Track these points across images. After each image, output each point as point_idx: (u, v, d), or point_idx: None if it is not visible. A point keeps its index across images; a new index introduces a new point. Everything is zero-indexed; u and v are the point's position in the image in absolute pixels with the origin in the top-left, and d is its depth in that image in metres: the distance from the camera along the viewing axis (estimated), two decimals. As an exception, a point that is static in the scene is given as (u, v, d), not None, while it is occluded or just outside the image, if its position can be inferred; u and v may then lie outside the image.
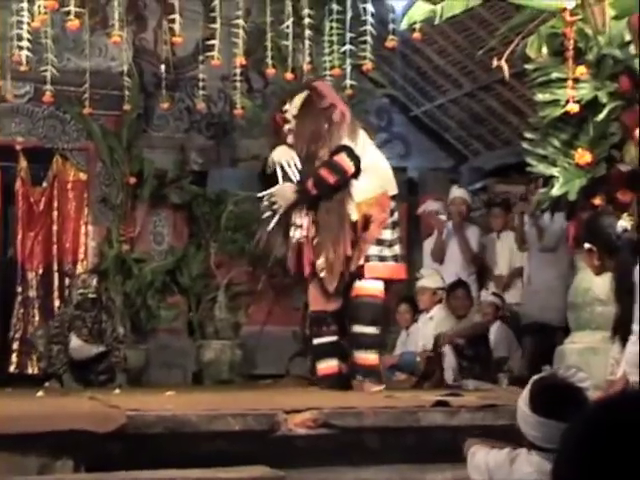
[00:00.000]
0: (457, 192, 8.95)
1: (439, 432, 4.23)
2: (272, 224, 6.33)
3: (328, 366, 6.19)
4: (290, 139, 6.29)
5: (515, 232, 8.45)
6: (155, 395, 5.90)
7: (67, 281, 9.72)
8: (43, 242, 9.78)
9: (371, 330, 6.11)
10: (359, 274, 6.07)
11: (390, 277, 6.21)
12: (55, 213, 9.83)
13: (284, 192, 6.19)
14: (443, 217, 8.89)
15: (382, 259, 6.12)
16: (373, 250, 6.09)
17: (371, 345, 6.15)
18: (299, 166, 6.16)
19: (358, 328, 6.11)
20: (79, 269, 9.77)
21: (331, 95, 6.47)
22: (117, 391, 6.17)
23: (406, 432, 4.21)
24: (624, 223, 4.40)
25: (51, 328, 8.61)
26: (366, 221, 6.05)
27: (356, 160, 6.06)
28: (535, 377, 2.71)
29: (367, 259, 6.07)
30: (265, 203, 6.34)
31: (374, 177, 6.17)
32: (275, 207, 6.24)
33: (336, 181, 6.01)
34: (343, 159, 6.04)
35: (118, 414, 3.81)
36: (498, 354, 7.89)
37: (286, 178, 6.22)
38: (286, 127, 6.34)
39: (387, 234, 6.18)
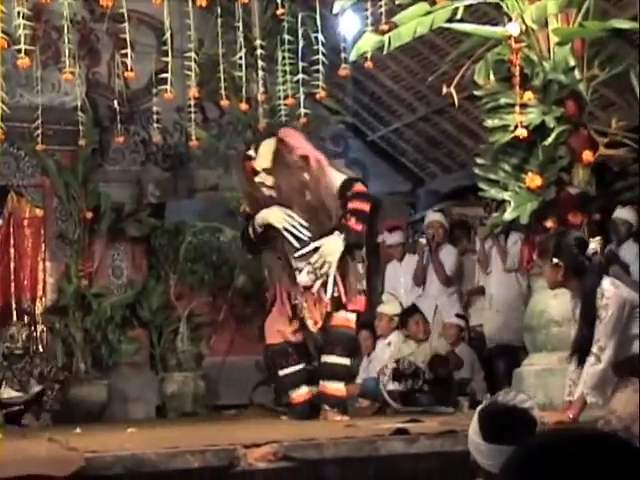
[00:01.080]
0: (434, 216, 9.08)
1: (399, 460, 4.24)
2: (330, 288, 6.16)
3: (299, 394, 6.22)
4: (272, 193, 6.29)
5: (477, 255, 8.53)
6: (116, 432, 5.86)
7: (26, 318, 9.65)
8: (1, 280, 9.70)
9: (345, 361, 6.18)
10: (339, 305, 6.14)
11: (363, 310, 6.34)
12: (12, 250, 9.75)
13: (330, 246, 6.10)
14: (423, 241, 8.97)
15: (361, 293, 6.25)
16: (356, 285, 6.20)
17: (342, 376, 6.22)
18: (303, 223, 6.13)
19: (332, 359, 6.14)
20: (38, 306, 9.71)
21: (300, 145, 6.40)
22: (78, 430, 6.12)
23: (366, 462, 4.22)
24: (594, 245, 4.46)
25: None
26: None
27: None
28: (480, 406, 2.75)
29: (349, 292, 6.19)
30: (310, 268, 6.15)
31: None
32: (325, 268, 6.09)
33: (370, 207, 6.16)
34: (358, 185, 6.21)
35: (77, 457, 3.79)
36: (460, 375, 7.93)
37: (297, 239, 6.17)
38: (258, 179, 6.32)
39: (361, 267, 6.29)
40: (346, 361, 6.23)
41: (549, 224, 5.19)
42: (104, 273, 9.94)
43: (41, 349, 9.02)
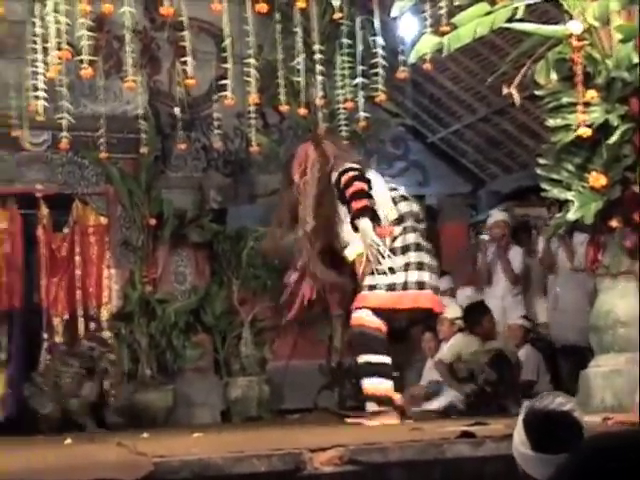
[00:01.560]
0: (499, 215, 9.03)
1: (465, 463, 4.22)
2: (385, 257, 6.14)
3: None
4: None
5: (541, 254, 8.46)
6: (182, 437, 5.91)
7: (92, 325, 9.79)
8: (67, 287, 9.86)
9: (363, 358, 6.10)
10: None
11: (379, 306, 6.02)
12: (77, 258, 9.90)
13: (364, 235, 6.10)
14: (485, 237, 8.93)
15: (371, 288, 6.03)
16: (367, 280, 6.07)
17: (359, 373, 6.19)
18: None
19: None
20: (104, 313, 9.85)
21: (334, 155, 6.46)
22: (145, 435, 6.18)
23: (432, 465, 4.19)
24: None
25: (63, 382, 8.71)
26: None
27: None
28: (521, 415, 2.68)
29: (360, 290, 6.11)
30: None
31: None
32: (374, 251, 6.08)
33: (365, 184, 6.07)
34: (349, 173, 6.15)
35: (145, 462, 3.82)
36: (526, 377, 7.86)
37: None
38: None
39: (390, 262, 6.04)
40: (361, 358, 6.14)
41: (614, 224, 5.12)
42: (168, 279, 10.04)
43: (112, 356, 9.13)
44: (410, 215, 6.18)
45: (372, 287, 6.03)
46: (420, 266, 6.06)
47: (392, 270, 6.02)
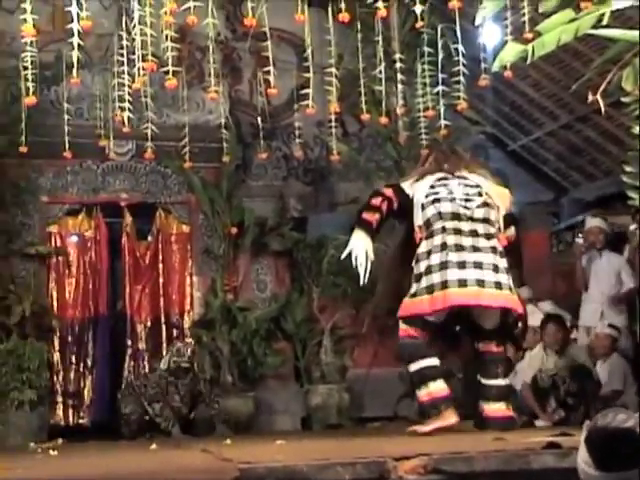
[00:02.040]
0: (594, 221, 8.86)
1: (551, 475, 4.17)
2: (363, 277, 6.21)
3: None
4: None
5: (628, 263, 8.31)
6: (265, 444, 5.95)
7: (175, 332, 9.92)
8: (150, 295, 10.03)
9: (408, 369, 6.07)
10: None
11: (407, 315, 5.99)
12: (160, 266, 10.07)
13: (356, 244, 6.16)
14: (580, 241, 8.80)
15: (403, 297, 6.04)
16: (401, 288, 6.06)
17: (412, 384, 6.15)
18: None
19: None
20: (186, 320, 9.98)
21: None
22: (228, 441, 6.24)
23: (517, 476, 4.16)
24: None
25: (149, 388, 8.82)
26: None
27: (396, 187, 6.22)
28: (583, 434, 2.62)
29: None
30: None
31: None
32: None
33: (380, 201, 6.12)
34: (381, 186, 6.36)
35: (231, 468, 3.86)
36: (612, 387, 7.73)
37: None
38: None
39: (415, 269, 5.98)
40: (408, 368, 6.09)
41: (702, 232, 5.03)
42: (249, 287, 10.13)
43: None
44: (439, 217, 6.03)
45: (405, 296, 6.06)
46: (444, 265, 5.87)
47: (418, 277, 5.95)
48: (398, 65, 7.94)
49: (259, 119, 9.40)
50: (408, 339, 6.02)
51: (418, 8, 6.08)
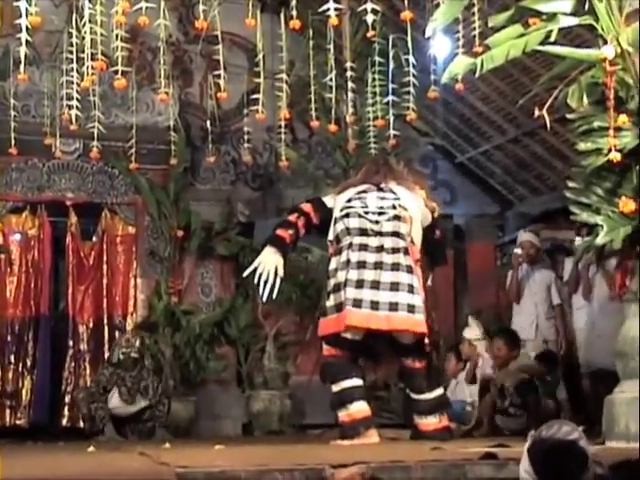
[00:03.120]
0: (525, 236, 8.96)
1: (487, 485, 4.20)
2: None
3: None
4: None
5: (570, 278, 8.41)
6: (205, 449, 5.92)
7: (117, 334, 9.84)
8: (93, 296, 9.94)
9: (331, 389, 6.05)
10: None
11: (321, 334, 5.99)
12: (105, 267, 9.99)
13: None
14: (518, 251, 8.88)
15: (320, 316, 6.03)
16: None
17: (332, 404, 6.12)
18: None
19: None
20: (129, 322, 9.91)
21: None
22: (167, 445, 6.20)
23: (454, 486, 4.18)
24: None
25: (91, 388, 8.75)
26: None
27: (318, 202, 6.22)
28: (527, 444, 2.64)
29: None
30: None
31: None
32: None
33: (308, 207, 6.15)
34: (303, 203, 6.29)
35: (167, 471, 3.84)
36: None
37: None
38: None
39: (328, 285, 5.95)
40: (331, 389, 6.07)
41: (643, 249, 5.10)
42: (193, 291, 10.10)
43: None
44: (346, 232, 5.96)
45: (321, 315, 6.05)
46: (345, 284, 5.80)
47: (327, 295, 5.93)
48: (349, 74, 7.96)
49: (209, 123, 9.40)
50: (330, 359, 5.98)
51: (370, 18, 6.09)
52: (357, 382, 5.98)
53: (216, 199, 10.35)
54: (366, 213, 6.02)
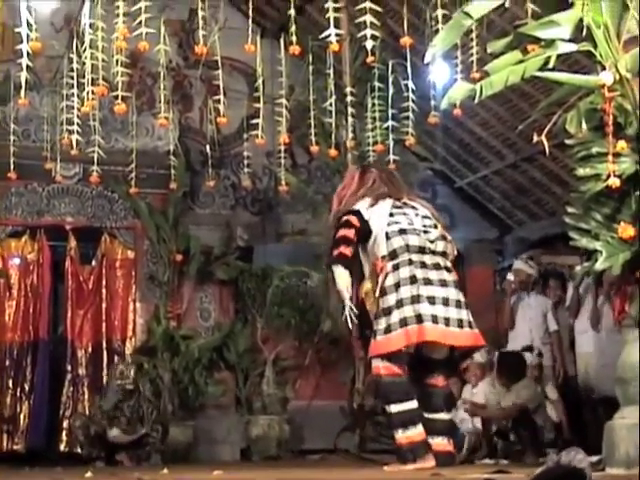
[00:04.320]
0: (517, 264, 9.03)
1: (487, 512, 4.19)
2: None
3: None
4: None
5: (571, 304, 8.41)
6: (203, 474, 5.90)
7: (116, 358, 9.82)
8: (92, 320, 9.92)
9: (388, 409, 5.97)
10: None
11: (377, 353, 5.83)
12: (104, 291, 9.98)
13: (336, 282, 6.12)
14: (510, 278, 8.90)
15: (375, 334, 5.82)
16: (374, 326, 5.89)
17: (390, 424, 6.03)
18: None
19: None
20: (128, 346, 9.89)
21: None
22: (165, 471, 6.18)
23: (454, 512, 4.17)
24: None
25: (93, 416, 8.73)
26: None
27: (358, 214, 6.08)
28: (539, 469, 2.65)
29: None
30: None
31: (368, 250, 6.10)
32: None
33: (353, 233, 6.00)
34: (349, 216, 6.08)
35: (165, 497, 3.84)
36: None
37: None
38: None
39: (382, 302, 5.85)
40: (388, 408, 6.03)
41: (642, 275, 5.09)
42: (192, 315, 10.09)
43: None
44: (406, 249, 5.91)
45: (375, 333, 5.93)
46: (416, 299, 5.78)
47: (387, 311, 5.81)
48: (349, 99, 7.99)
49: (208, 147, 9.42)
50: (389, 377, 5.88)
51: (369, 43, 6.11)
52: (416, 404, 5.93)
53: (215, 223, 10.35)
54: (419, 232, 6.05)
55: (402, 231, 6.01)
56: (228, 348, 9.81)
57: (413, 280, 5.85)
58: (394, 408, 5.82)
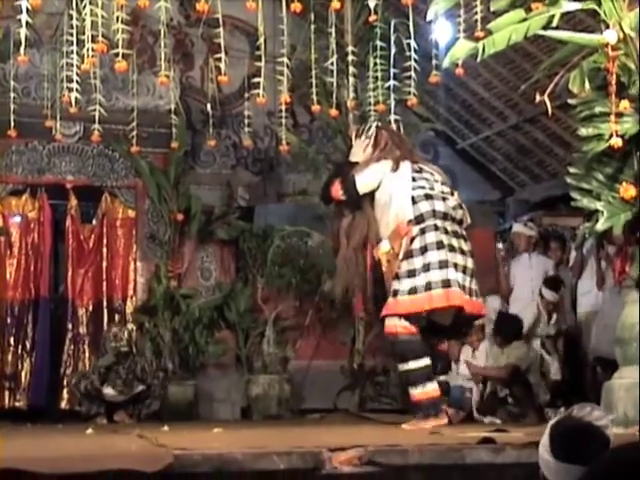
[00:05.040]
0: (517, 227, 9.08)
1: (485, 470, 4.21)
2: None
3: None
4: None
5: (574, 264, 8.44)
6: (203, 432, 5.94)
7: (117, 317, 9.84)
8: (93, 279, 9.92)
9: (405, 366, 6.00)
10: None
11: (396, 312, 5.92)
12: (104, 250, 9.96)
13: None
14: (500, 245, 8.94)
15: (395, 294, 5.94)
16: (392, 285, 6.01)
17: (408, 381, 6.07)
18: None
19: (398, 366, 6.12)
20: (128, 305, 9.90)
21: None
22: (165, 428, 6.21)
23: (451, 470, 4.19)
24: None
25: (88, 376, 8.74)
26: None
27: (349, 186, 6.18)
28: (552, 421, 2.64)
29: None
30: None
31: (390, 212, 6.11)
32: None
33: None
34: (335, 188, 6.21)
35: (165, 453, 3.85)
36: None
37: None
38: None
39: (406, 265, 5.95)
40: (403, 366, 6.07)
41: (643, 235, 5.09)
42: (193, 275, 10.09)
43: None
44: (432, 214, 6.02)
45: (395, 293, 5.96)
46: (444, 264, 5.90)
47: (412, 273, 5.91)
48: (350, 58, 7.94)
49: (209, 106, 9.36)
50: (406, 336, 5.94)
51: (372, 2, 6.10)
52: (429, 361, 6.00)
53: (216, 183, 10.33)
54: (444, 198, 6.09)
55: (428, 196, 6.07)
56: (229, 307, 9.82)
57: (440, 245, 5.94)
58: (412, 364, 5.91)
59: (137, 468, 3.66)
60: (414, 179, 6.16)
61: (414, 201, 6.05)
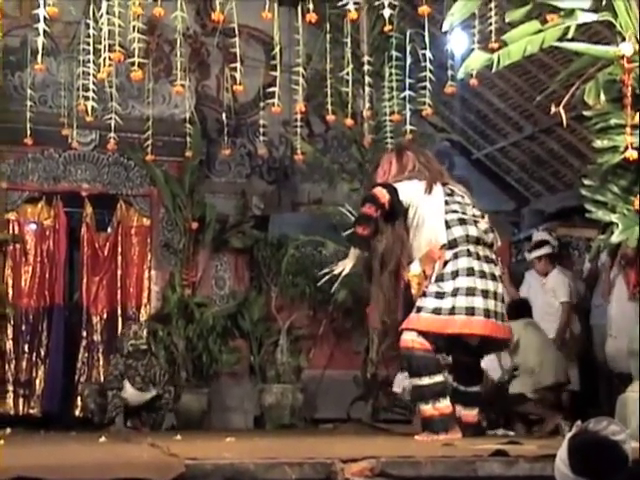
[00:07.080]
0: (536, 235, 9.05)
1: (497, 482, 4.19)
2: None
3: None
4: None
5: (589, 275, 8.42)
6: (215, 441, 5.93)
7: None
8: (107, 287, 9.96)
9: (419, 381, 6.00)
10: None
11: (425, 329, 5.91)
12: (119, 258, 10.00)
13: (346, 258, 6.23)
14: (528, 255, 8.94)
15: (419, 310, 5.93)
16: (417, 302, 6.02)
17: (420, 397, 6.06)
18: None
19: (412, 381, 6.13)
20: (142, 313, 9.92)
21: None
22: (177, 437, 6.21)
23: (464, 482, 4.17)
24: None
25: (107, 376, 8.75)
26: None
27: (391, 190, 6.06)
28: (570, 434, 2.63)
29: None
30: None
31: (422, 235, 6.10)
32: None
33: (375, 210, 6.02)
34: (378, 189, 6.09)
35: (177, 463, 3.84)
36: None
37: None
38: None
39: (436, 287, 5.94)
40: (416, 381, 6.04)
41: (658, 248, 5.08)
42: (207, 283, 10.11)
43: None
44: (465, 239, 6.00)
45: (419, 309, 5.97)
46: (471, 291, 5.91)
47: (440, 295, 5.91)
48: (366, 68, 7.95)
49: (224, 115, 9.39)
50: (421, 352, 5.94)
51: (387, 12, 6.08)
52: (443, 378, 6.02)
53: (231, 192, 10.35)
54: (475, 223, 6.08)
55: (462, 221, 6.06)
56: (243, 316, 9.83)
57: (470, 272, 5.95)
58: (426, 380, 5.91)
59: (148, 477, 3.66)
60: (447, 202, 6.14)
61: (447, 225, 6.04)
